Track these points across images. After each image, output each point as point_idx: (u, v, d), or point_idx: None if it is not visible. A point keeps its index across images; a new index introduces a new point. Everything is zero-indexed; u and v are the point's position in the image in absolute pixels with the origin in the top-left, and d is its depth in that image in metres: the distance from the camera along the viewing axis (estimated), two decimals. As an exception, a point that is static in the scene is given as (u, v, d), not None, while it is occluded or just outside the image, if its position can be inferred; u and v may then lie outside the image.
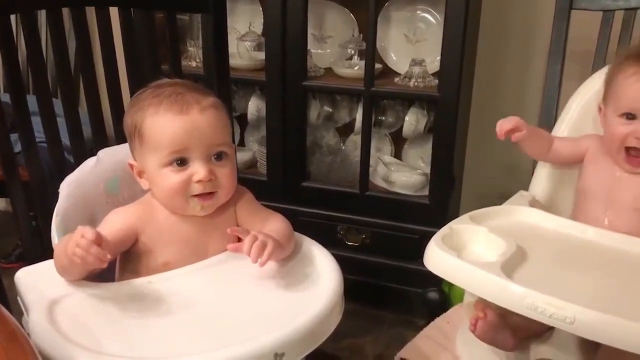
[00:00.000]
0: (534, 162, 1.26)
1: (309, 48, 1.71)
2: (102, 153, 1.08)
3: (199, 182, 0.94)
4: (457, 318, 1.21)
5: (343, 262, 0.97)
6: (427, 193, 1.67)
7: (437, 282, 1.64)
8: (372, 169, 1.77)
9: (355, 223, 1.73)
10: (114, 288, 0.90)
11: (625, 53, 1.13)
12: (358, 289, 1.60)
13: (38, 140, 1.11)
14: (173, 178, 0.94)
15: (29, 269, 0.94)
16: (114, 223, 0.96)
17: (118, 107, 1.23)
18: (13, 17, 1.07)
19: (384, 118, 1.81)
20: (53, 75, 1.48)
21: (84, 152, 1.16)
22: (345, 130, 1.90)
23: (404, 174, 1.77)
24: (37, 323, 0.81)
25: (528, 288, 0.84)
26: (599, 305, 0.81)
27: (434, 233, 1.01)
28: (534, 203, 1.17)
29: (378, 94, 1.67)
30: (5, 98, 1.10)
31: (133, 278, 0.93)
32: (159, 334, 0.81)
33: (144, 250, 0.97)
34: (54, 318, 0.82)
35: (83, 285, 0.89)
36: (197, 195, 0.96)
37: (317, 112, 1.81)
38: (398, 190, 1.73)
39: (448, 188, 1.66)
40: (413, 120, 1.75)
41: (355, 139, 1.83)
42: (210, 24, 1.22)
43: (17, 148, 1.11)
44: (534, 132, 1.17)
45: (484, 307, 0.99)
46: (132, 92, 1.07)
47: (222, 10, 1.24)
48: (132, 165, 1.00)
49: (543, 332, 1.03)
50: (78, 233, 0.82)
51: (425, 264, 0.97)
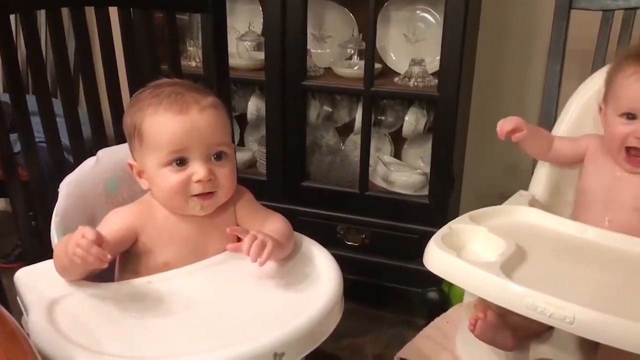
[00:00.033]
0: (534, 161, 1.26)
1: (309, 48, 1.71)
2: (101, 153, 1.08)
3: (199, 182, 0.94)
4: (456, 318, 1.20)
5: (343, 262, 0.97)
6: (426, 193, 1.67)
7: (436, 281, 1.64)
8: (371, 169, 1.77)
9: (355, 223, 1.73)
10: (114, 288, 0.90)
11: (625, 53, 1.13)
12: (358, 289, 1.60)
13: (38, 140, 1.11)
14: (172, 178, 0.94)
15: (29, 269, 0.94)
16: (114, 223, 0.96)
17: (117, 107, 1.23)
18: (12, 17, 1.07)
19: (384, 118, 1.81)
20: (52, 75, 1.48)
21: (84, 152, 1.16)
22: (345, 130, 1.90)
23: (404, 174, 1.77)
24: (36, 323, 0.81)
25: (528, 288, 0.84)
26: (599, 305, 0.80)
27: (434, 233, 1.00)
28: (534, 203, 1.17)
29: (378, 94, 1.67)
30: (5, 98, 1.10)
31: (133, 278, 0.93)
32: (159, 334, 0.81)
33: (144, 250, 0.97)
34: (54, 318, 0.82)
35: (83, 285, 0.89)
36: (196, 195, 0.95)
37: (316, 112, 1.81)
38: (398, 190, 1.73)
39: (448, 188, 1.66)
40: (413, 120, 1.75)
41: (355, 139, 1.83)
42: (210, 24, 1.22)
43: (16, 148, 1.11)
44: (535, 131, 1.17)
45: (485, 307, 0.99)
46: (131, 92, 1.06)
47: (221, 10, 1.24)
48: (131, 165, 1.00)
49: (543, 331, 1.03)
50: (78, 233, 0.82)
51: (425, 264, 0.97)
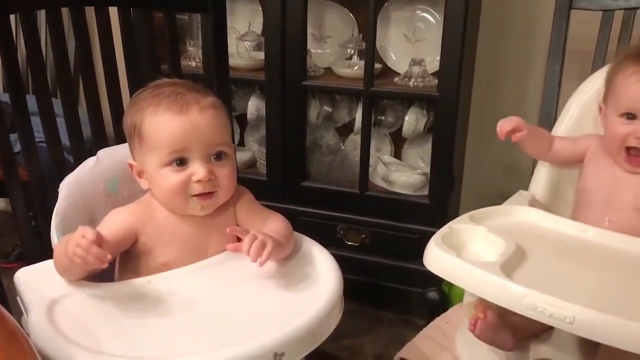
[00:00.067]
0: (534, 161, 1.26)
1: (309, 48, 1.71)
2: (101, 153, 1.08)
3: (199, 182, 0.94)
4: (456, 318, 1.20)
5: (343, 262, 0.97)
6: (426, 193, 1.67)
7: (436, 281, 1.64)
8: (371, 169, 1.77)
9: (355, 223, 1.73)
10: (114, 288, 0.90)
11: (625, 53, 1.13)
12: (358, 289, 1.60)
13: (37, 140, 1.11)
14: (172, 178, 0.94)
15: (29, 269, 0.94)
16: (114, 223, 0.96)
17: (117, 107, 1.23)
18: (12, 17, 1.07)
19: (384, 118, 1.81)
20: (52, 75, 1.48)
21: (84, 152, 1.16)
22: (345, 130, 1.90)
23: (404, 174, 1.77)
24: (36, 323, 0.81)
25: (528, 288, 0.84)
26: (599, 305, 0.80)
27: (434, 233, 1.00)
28: (534, 203, 1.17)
29: (378, 94, 1.67)
30: (5, 98, 1.10)
31: (133, 278, 0.93)
32: (159, 334, 0.81)
33: (144, 250, 0.97)
34: (54, 318, 0.82)
35: (82, 285, 0.89)
36: (196, 195, 0.95)
37: (316, 112, 1.81)
38: (398, 190, 1.73)
39: (448, 188, 1.66)
40: (413, 120, 1.75)
41: (355, 139, 1.83)
42: (210, 24, 1.22)
43: (16, 148, 1.11)
44: (535, 131, 1.17)
45: (485, 308, 0.99)
46: (131, 92, 1.06)
47: (221, 10, 1.24)
48: (131, 165, 1.00)
49: (542, 331, 1.03)
50: (78, 233, 0.82)
51: (425, 264, 0.97)
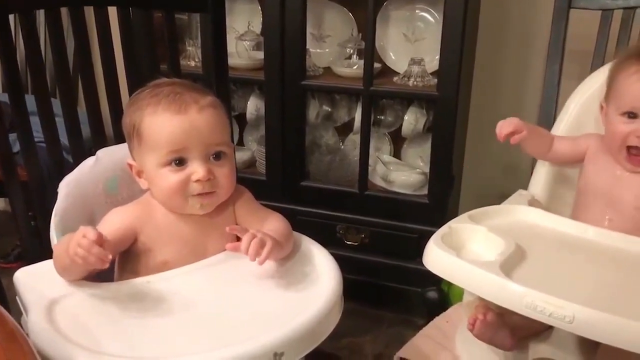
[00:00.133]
0: (534, 161, 1.26)
1: (308, 47, 1.71)
2: (101, 153, 1.08)
3: (198, 181, 0.94)
4: (456, 317, 1.20)
5: (342, 261, 0.97)
6: (426, 192, 1.67)
7: (436, 281, 1.64)
8: (371, 169, 1.77)
9: (355, 222, 1.73)
10: (113, 288, 0.90)
11: (627, 52, 1.13)
12: (357, 289, 1.60)
13: (37, 140, 1.11)
14: (172, 178, 0.94)
15: (28, 269, 0.94)
16: (113, 223, 0.96)
17: (117, 106, 1.23)
18: (12, 16, 1.07)
19: (383, 117, 1.81)
20: (52, 75, 1.47)
21: (83, 151, 1.16)
22: (344, 130, 1.90)
23: (403, 173, 1.77)
24: (36, 323, 0.81)
25: (527, 287, 0.84)
26: (599, 304, 0.80)
27: (433, 232, 1.00)
28: (533, 202, 1.17)
29: (377, 93, 1.67)
30: (4, 98, 1.10)
31: (132, 278, 0.93)
32: (159, 334, 0.81)
33: (143, 250, 0.97)
34: (53, 318, 0.82)
35: (82, 285, 0.89)
36: (196, 194, 0.95)
37: (316, 111, 1.81)
38: (397, 190, 1.73)
39: (447, 187, 1.66)
40: (412, 120, 1.75)
41: (354, 139, 1.82)
42: (209, 24, 1.22)
43: (15, 148, 1.11)
44: (534, 131, 1.17)
45: (485, 309, 0.99)
46: (130, 91, 1.06)
47: (220, 10, 1.24)
48: (130, 165, 1.00)
49: (542, 331, 1.03)
50: (79, 233, 0.82)
51: (425, 263, 0.97)
